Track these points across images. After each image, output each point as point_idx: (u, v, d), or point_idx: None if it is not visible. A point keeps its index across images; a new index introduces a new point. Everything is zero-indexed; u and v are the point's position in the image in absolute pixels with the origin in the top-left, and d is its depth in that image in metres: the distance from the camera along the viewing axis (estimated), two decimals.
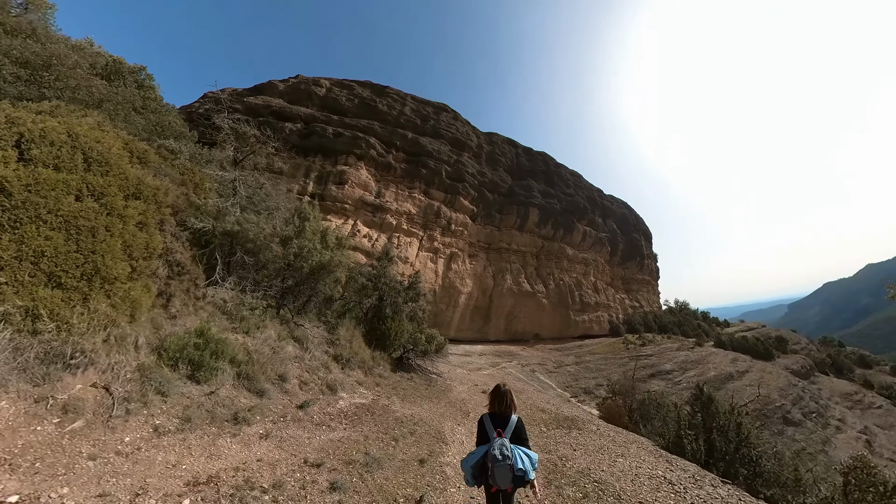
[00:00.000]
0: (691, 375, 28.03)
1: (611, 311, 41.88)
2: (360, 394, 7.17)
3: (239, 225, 7.30)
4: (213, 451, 3.89)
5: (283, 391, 5.85)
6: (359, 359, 8.17)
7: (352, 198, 28.16)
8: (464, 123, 40.50)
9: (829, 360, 36.12)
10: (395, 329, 9.97)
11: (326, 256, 7.97)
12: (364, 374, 8.11)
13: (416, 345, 10.61)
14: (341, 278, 8.66)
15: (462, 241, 33.80)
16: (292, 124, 30.93)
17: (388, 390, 8.16)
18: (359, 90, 36.58)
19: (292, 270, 7.93)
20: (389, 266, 11.39)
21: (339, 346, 8.02)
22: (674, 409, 8.78)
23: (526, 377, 21.46)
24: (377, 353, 9.50)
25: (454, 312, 31.47)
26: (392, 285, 10.79)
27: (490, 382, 12.71)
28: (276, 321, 7.29)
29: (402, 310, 10.70)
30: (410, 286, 11.83)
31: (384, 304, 10.41)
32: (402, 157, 32.65)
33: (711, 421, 7.70)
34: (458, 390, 10.66)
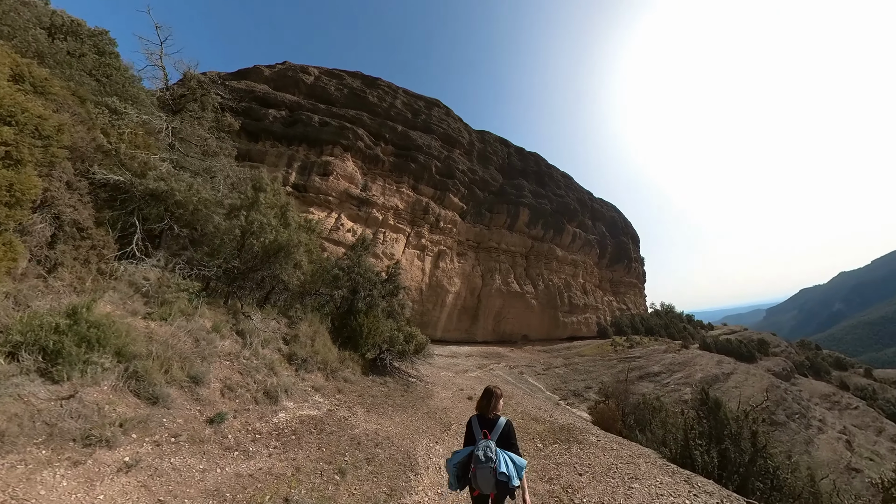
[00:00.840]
0: (679, 377, 27.96)
1: (599, 312, 41.78)
2: (313, 403, 6.03)
3: (165, 183, 5.90)
4: (20, 492, 2.51)
5: (192, 398, 4.42)
6: (320, 359, 7.07)
7: (336, 190, 26.92)
8: (456, 120, 39.76)
9: (808, 362, 36.93)
10: (369, 326, 8.92)
11: (284, 236, 6.83)
12: (325, 377, 6.98)
13: (392, 344, 9.52)
14: (302, 263, 7.50)
15: (451, 238, 32.94)
16: (276, 111, 29.45)
17: (352, 398, 6.97)
18: (349, 80, 35.34)
19: (241, 250, 6.67)
20: (365, 255, 10.36)
21: (297, 344, 6.95)
22: (679, 416, 8.07)
23: (514, 379, 20.72)
24: (347, 353, 8.43)
25: (441, 312, 30.54)
26: (367, 276, 9.71)
27: (477, 386, 11.81)
28: (219, 311, 6.14)
29: (378, 304, 9.61)
30: (389, 278, 10.80)
31: (357, 298, 9.31)
32: (391, 150, 31.59)
33: (721, 429, 7.01)
34: (441, 396, 9.62)
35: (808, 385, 33.87)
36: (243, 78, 32.32)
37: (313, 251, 8.51)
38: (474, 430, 2.95)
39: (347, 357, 8.18)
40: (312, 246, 8.47)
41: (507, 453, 2.72)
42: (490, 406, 3.02)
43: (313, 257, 8.73)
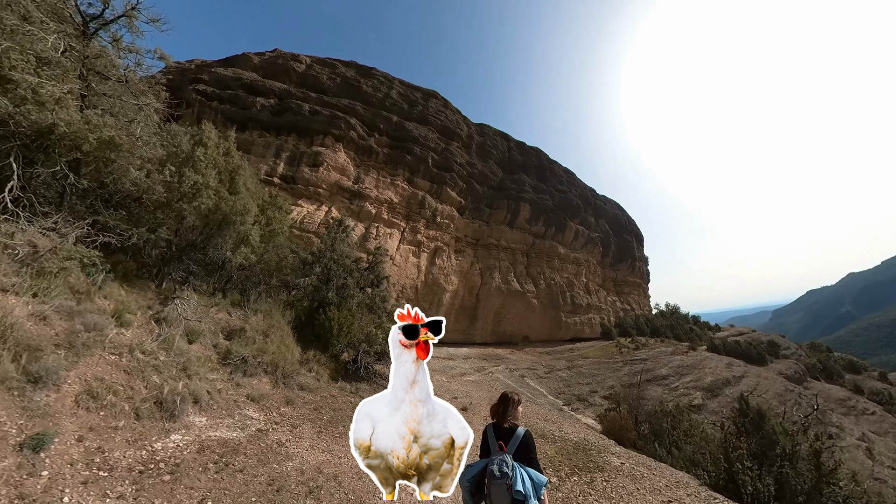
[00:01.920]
0: (688, 381, 26.70)
1: (602, 313, 40.56)
2: (240, 419, 4.59)
3: (55, 116, 4.47)
4: None
5: (19, 406, 3.08)
6: (268, 360, 5.74)
7: (327, 182, 25.68)
8: (454, 112, 38.57)
9: (820, 365, 35.70)
10: (341, 321, 7.58)
11: (229, 203, 5.53)
12: (273, 383, 5.64)
13: (370, 343, 8.03)
14: (252, 238, 6.20)
15: (448, 234, 31.70)
16: (265, 99, 28.23)
17: (303, 412, 5.55)
18: (342, 69, 34.15)
19: (169, 216, 5.29)
20: (342, 238, 9.10)
21: (242, 340, 5.69)
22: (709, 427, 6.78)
23: (515, 383, 19.45)
24: (312, 353, 7.12)
25: (437, 312, 29.24)
26: (343, 263, 8.39)
27: (475, 392, 10.52)
28: (142, 294, 4.88)
29: (354, 296, 8.26)
30: (370, 266, 9.51)
31: (329, 287, 7.99)
32: (386, 141, 30.37)
33: (771, 446, 5.74)
34: None
35: (821, 389, 32.65)
36: (230, 65, 31.10)
37: (278, 231, 7.27)
38: (490, 442, 2.66)
39: (312, 359, 6.89)
40: (278, 225, 7.24)
41: (524, 468, 2.45)
42: (506, 414, 2.72)
43: (279, 240, 7.48)
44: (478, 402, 9.42)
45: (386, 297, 9.74)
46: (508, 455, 2.46)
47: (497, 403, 2.82)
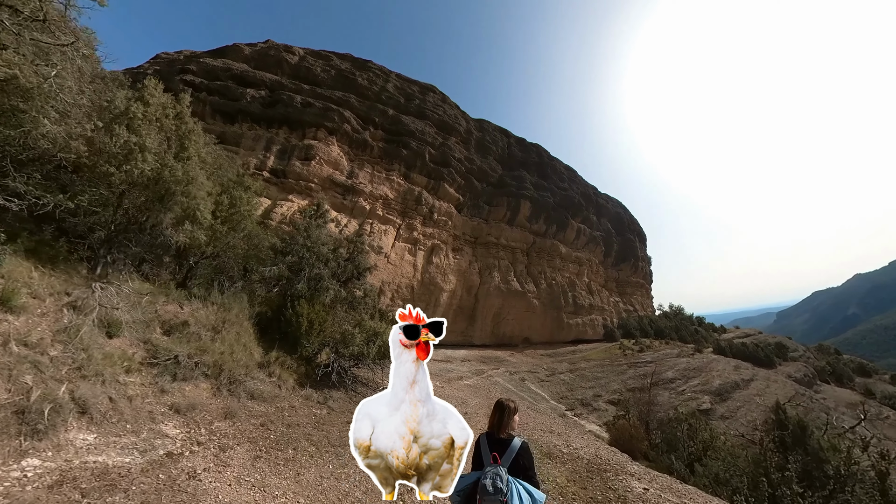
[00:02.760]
0: (695, 384, 25.88)
1: (605, 314, 39.75)
2: (149, 436, 3.59)
3: None
4: None
5: None
6: (211, 361, 4.83)
7: (319, 176, 24.84)
8: (452, 107, 37.81)
9: (829, 368, 34.96)
10: (312, 317, 6.66)
11: (174, 170, 4.64)
12: (213, 390, 4.69)
13: (346, 344, 6.95)
14: (200, 214, 5.29)
15: (446, 232, 30.87)
16: (255, 91, 27.41)
17: (243, 428, 4.49)
18: (337, 62, 33.36)
19: (96, 183, 4.40)
20: (320, 224, 8.21)
21: (182, 336, 4.81)
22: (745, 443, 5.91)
23: (515, 387, 18.57)
24: (276, 354, 6.22)
25: (434, 312, 28.38)
26: (317, 251, 7.47)
27: (471, 399, 9.64)
28: (64, 277, 4.03)
29: (330, 289, 7.33)
30: (351, 256, 8.62)
31: (300, 278, 7.06)
32: (381, 135, 29.55)
33: (819, 467, 4.87)
34: None
35: (832, 393, 31.87)
36: (220, 56, 30.26)
37: (245, 215, 6.42)
38: (483, 453, 2.50)
39: (275, 361, 6.00)
40: (245, 208, 6.40)
41: (521, 483, 2.27)
42: (502, 423, 2.55)
43: (248, 225, 6.61)
44: (475, 409, 8.56)
45: (369, 291, 8.86)
46: (503, 468, 2.30)
47: (493, 411, 2.67)
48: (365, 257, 8.93)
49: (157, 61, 29.80)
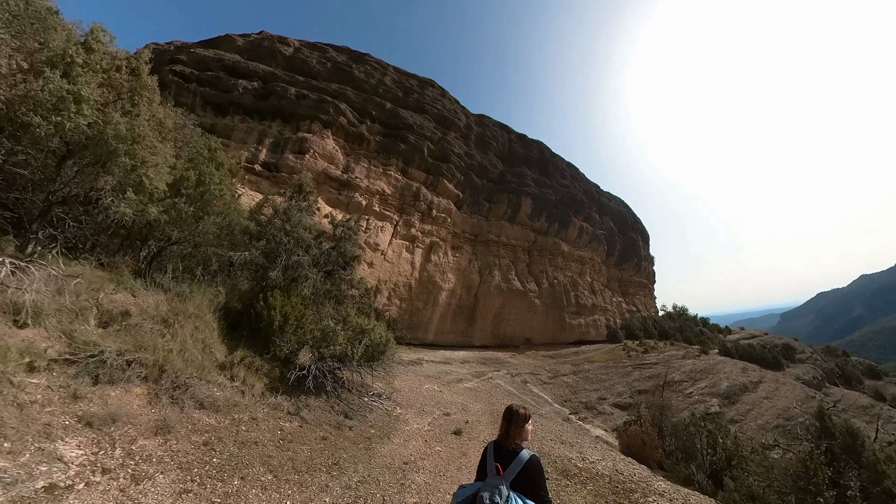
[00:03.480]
0: (703, 386, 25.23)
1: (608, 314, 39.10)
2: (32, 459, 2.62)
3: None
4: None
5: None
6: (151, 360, 3.99)
7: (313, 170, 24.12)
8: (451, 101, 37.17)
9: (838, 370, 34.32)
10: (287, 311, 5.86)
11: (117, 126, 3.95)
12: (150, 397, 3.83)
13: (328, 343, 6.16)
14: (147, 180, 4.55)
15: (445, 229, 30.18)
16: (247, 82, 26.71)
17: (179, 448, 3.58)
18: (333, 54, 32.69)
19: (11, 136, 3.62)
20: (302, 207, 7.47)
21: (124, 329, 4.07)
22: (806, 459, 5.23)
23: (517, 390, 17.88)
24: (242, 353, 5.45)
25: (433, 312, 27.70)
26: (297, 236, 6.70)
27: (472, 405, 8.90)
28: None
29: (309, 278, 6.54)
30: (337, 243, 7.86)
31: (275, 265, 6.28)
32: (378, 128, 28.87)
33: (876, 483, 4.19)
34: (408, 432, 6.38)
35: (841, 395, 31.22)
36: (212, 47, 29.56)
37: (216, 194, 5.70)
38: (487, 463, 2.32)
39: (240, 361, 5.23)
40: (216, 187, 5.68)
41: (524, 500, 2.07)
42: (510, 433, 2.31)
43: (218, 206, 5.89)
44: (476, 418, 7.84)
45: (356, 282, 8.11)
46: (505, 482, 2.12)
47: (502, 418, 2.48)
48: (352, 245, 8.17)
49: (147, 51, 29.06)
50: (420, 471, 4.93)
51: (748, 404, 23.52)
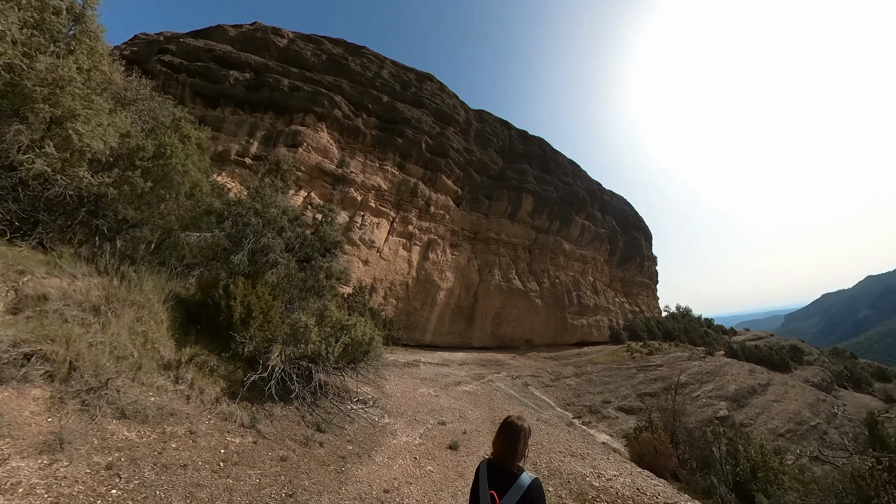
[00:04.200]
0: (710, 389, 24.60)
1: (611, 315, 38.46)
2: None
3: None
4: None
5: None
6: (62, 355, 3.13)
7: (306, 164, 23.45)
8: (450, 96, 36.57)
9: (847, 372, 33.80)
10: (251, 302, 5.05)
11: (40, 65, 3.24)
12: (52, 402, 3.00)
13: (297, 341, 5.35)
14: (77, 138, 3.77)
15: (443, 227, 29.52)
16: (239, 73, 26.03)
17: (64, 473, 2.61)
18: (328, 46, 32.04)
19: None
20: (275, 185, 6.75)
21: (32, 316, 3.34)
22: (861, 474, 4.57)
23: (518, 393, 17.21)
24: (193, 350, 4.71)
25: (431, 312, 27.03)
26: (269, 216, 5.95)
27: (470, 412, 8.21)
28: None
29: (278, 263, 5.78)
30: (317, 228, 7.13)
31: (240, 248, 5.55)
32: (374, 122, 28.23)
33: None
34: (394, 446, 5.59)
35: (851, 399, 30.68)
36: (203, 37, 28.89)
37: (180, 169, 5.02)
38: (480, 487, 1.99)
39: (188, 360, 4.45)
40: (180, 161, 5.00)
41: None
42: (514, 451, 1.94)
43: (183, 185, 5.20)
44: (475, 427, 7.13)
45: (337, 273, 7.35)
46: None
47: (498, 433, 2.05)
48: (333, 229, 7.45)
49: (135, 42, 28.39)
50: (404, 501, 4.18)
51: (757, 408, 22.92)
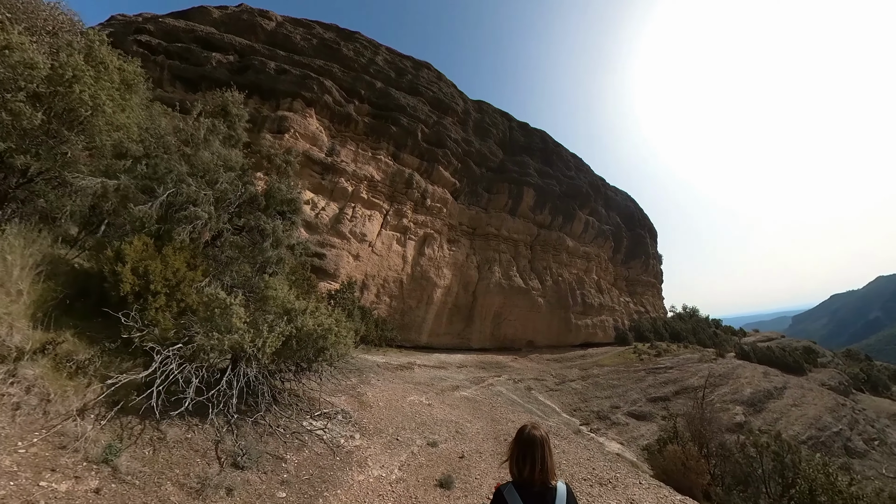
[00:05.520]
0: (724, 393, 23.53)
1: (616, 315, 37.41)
2: None
3: None
4: None
5: None
6: None
7: (293, 152, 22.18)
8: (448, 85, 35.46)
9: (864, 375, 32.89)
10: (152, 270, 3.68)
11: None
12: None
13: (211, 327, 3.85)
14: None
15: (440, 221, 28.38)
16: (222, 55, 24.84)
17: None
18: (320, 31, 30.89)
19: None
20: (217, 129, 5.41)
21: None
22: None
23: (521, 398, 16.06)
24: (51, 336, 3.37)
25: (427, 311, 25.88)
26: (197, 161, 4.48)
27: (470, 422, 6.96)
28: None
29: (197, 218, 4.20)
30: (269, 186, 5.67)
31: (152, 200, 4.03)
32: (367, 109, 27.07)
33: None
34: (354, 491, 4.11)
35: (870, 402, 29.72)
36: (184, 18, 27.65)
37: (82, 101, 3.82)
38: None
39: (40, 349, 3.18)
40: (83, 86, 3.81)
41: None
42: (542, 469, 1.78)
43: (87, 115, 3.97)
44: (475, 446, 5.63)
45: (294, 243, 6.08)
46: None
47: (517, 449, 1.86)
48: (289, 186, 6.17)
49: (111, 23, 27.08)
50: None
51: (775, 413, 21.87)
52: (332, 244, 20.84)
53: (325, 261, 20.16)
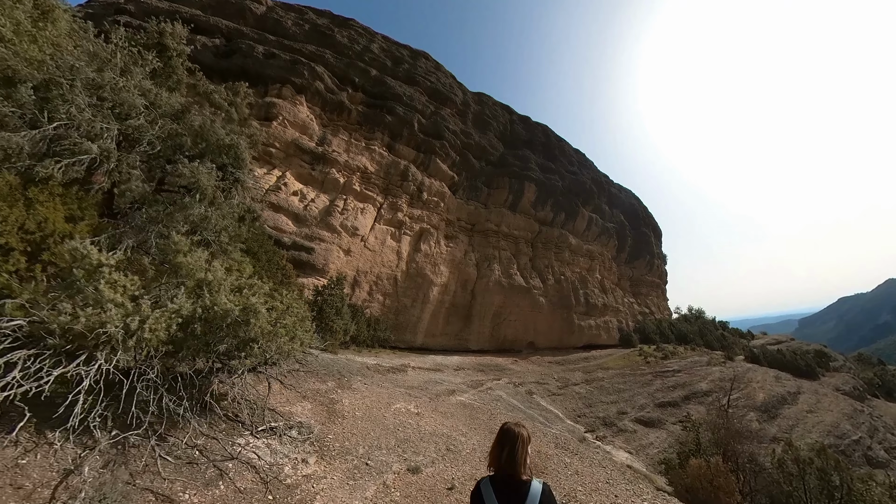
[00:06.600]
0: (736, 397, 22.59)
1: (620, 315, 36.53)
2: None
3: None
4: None
5: None
6: None
7: (282, 140, 21.29)
8: (447, 75, 34.53)
9: (878, 380, 32.09)
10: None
11: None
12: None
13: (69, 298, 2.49)
14: None
15: (437, 215, 27.44)
16: (208, 38, 23.85)
17: None
18: (312, 16, 29.93)
19: None
20: (143, 60, 4.39)
21: None
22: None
23: (522, 403, 15.11)
24: None
25: (423, 311, 24.92)
26: (99, 82, 3.47)
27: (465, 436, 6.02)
28: None
29: (85, 153, 3.17)
30: (202, 123, 4.54)
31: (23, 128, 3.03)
32: (361, 97, 26.13)
33: None
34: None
35: (886, 409, 28.89)
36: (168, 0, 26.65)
37: None
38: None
39: None
40: None
41: None
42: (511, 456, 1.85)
43: None
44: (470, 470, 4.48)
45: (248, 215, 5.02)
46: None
47: (497, 442, 1.96)
48: (233, 125, 5.19)
49: (90, 4, 26.10)
50: None
51: (790, 419, 20.99)
52: (321, 237, 19.87)
53: (314, 255, 19.19)
